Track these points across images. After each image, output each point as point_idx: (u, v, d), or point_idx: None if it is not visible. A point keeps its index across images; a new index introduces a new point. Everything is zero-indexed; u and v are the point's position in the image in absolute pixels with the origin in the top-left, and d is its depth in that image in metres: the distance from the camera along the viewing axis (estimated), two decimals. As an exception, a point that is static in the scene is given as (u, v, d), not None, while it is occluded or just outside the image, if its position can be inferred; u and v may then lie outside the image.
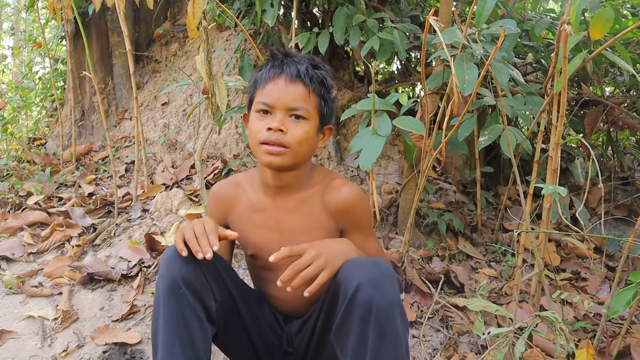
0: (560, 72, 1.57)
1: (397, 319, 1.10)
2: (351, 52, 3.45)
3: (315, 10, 3.30)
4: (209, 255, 1.15)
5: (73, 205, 2.85)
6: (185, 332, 1.17)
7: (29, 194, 3.05)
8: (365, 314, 1.09)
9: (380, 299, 1.09)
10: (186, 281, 1.18)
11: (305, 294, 1.14)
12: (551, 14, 3.00)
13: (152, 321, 1.21)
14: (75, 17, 2.98)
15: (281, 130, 1.25)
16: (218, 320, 1.28)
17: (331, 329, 1.21)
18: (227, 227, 1.44)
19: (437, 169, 3.02)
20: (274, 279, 1.39)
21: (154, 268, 2.22)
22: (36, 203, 2.91)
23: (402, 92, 3.12)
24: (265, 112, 1.28)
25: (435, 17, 1.58)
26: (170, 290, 1.17)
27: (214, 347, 1.37)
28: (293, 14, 2.46)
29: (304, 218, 1.38)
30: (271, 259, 1.16)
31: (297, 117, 1.27)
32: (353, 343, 1.13)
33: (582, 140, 1.89)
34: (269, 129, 1.25)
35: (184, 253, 1.18)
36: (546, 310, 1.68)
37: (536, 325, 1.72)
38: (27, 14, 4.80)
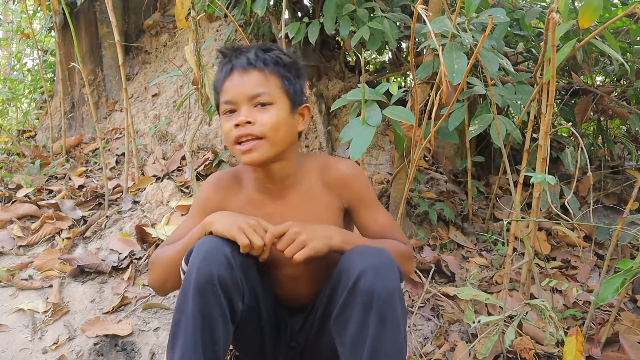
0: (549, 61, 1.57)
1: (397, 306, 1.12)
2: (342, 42, 3.43)
3: (305, 0, 3.28)
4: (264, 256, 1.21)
5: (63, 198, 2.83)
6: (209, 331, 1.14)
7: (19, 187, 3.03)
8: (366, 302, 1.10)
9: (382, 287, 1.10)
10: (222, 280, 1.14)
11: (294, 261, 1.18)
12: (542, 3, 3.00)
13: (175, 311, 1.16)
14: (62, 8, 2.95)
15: (249, 123, 1.22)
16: (239, 320, 1.25)
17: (330, 318, 1.21)
18: None
19: (427, 158, 3.02)
20: (279, 276, 1.40)
21: (145, 260, 2.21)
22: (26, 196, 2.90)
23: (393, 82, 3.11)
24: (232, 111, 1.25)
25: (425, 6, 1.57)
26: (204, 287, 1.13)
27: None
28: (283, 4, 2.44)
29: (308, 209, 1.35)
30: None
31: (262, 104, 1.24)
32: (353, 330, 1.13)
33: (572, 129, 1.90)
34: (237, 125, 1.22)
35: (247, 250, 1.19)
36: (536, 298, 1.69)
37: (526, 313, 1.73)
38: (15, 4, 4.74)
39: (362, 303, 1.11)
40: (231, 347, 1.69)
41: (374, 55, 4.27)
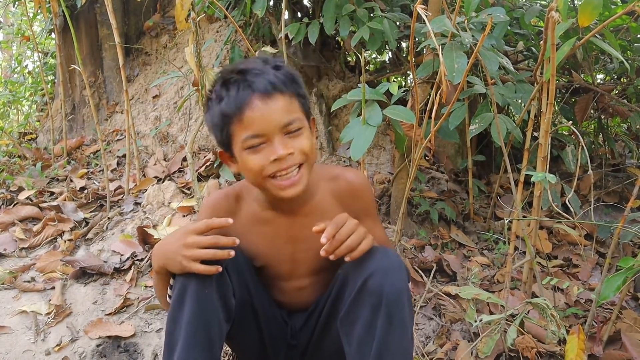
0: (549, 60, 1.57)
1: (405, 306, 1.12)
2: (342, 42, 3.44)
3: (305, 1, 3.29)
4: (232, 253, 1.14)
5: (65, 200, 2.84)
6: (206, 334, 1.15)
7: (20, 189, 3.03)
8: (375, 302, 1.11)
9: (391, 288, 1.11)
10: (213, 280, 1.16)
11: (347, 259, 1.13)
12: (541, 2, 2.99)
13: (169, 315, 1.16)
14: (63, 10, 2.95)
15: (291, 154, 1.14)
16: (236, 318, 1.26)
17: (336, 317, 1.22)
18: None
19: (428, 157, 3.02)
20: (285, 287, 1.40)
21: (147, 261, 2.21)
22: (27, 198, 2.90)
23: (393, 81, 3.12)
24: (257, 144, 1.14)
25: (424, 6, 1.57)
26: (197, 289, 1.14)
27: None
28: (283, 5, 2.44)
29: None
30: (323, 240, 1.10)
31: (294, 131, 1.15)
32: (360, 330, 1.14)
33: (573, 127, 1.90)
34: (276, 160, 1.13)
35: (220, 269, 1.14)
36: (537, 297, 1.69)
37: (528, 312, 1.73)
38: (15, 7, 4.75)
39: (371, 303, 1.11)
40: (232, 352, 1.69)
41: (374, 55, 4.27)
